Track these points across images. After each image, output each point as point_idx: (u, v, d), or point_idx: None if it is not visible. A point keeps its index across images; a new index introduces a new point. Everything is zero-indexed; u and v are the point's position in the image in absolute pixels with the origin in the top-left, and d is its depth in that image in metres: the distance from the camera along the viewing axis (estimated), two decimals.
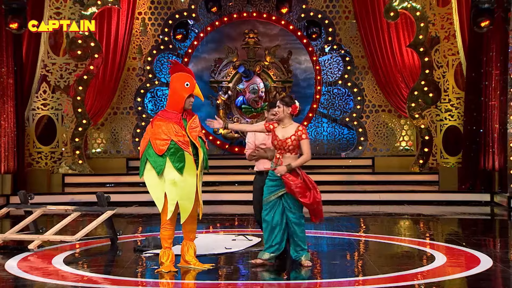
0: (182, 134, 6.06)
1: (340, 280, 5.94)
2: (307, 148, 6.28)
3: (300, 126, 6.34)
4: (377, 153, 14.86)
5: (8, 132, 12.60)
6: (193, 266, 6.20)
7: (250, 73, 14.91)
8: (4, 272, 6.24)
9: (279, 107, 6.36)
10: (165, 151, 5.99)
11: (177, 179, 5.99)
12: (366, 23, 14.27)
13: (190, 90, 6.15)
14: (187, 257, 6.24)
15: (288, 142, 6.25)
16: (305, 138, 6.27)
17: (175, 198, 6.01)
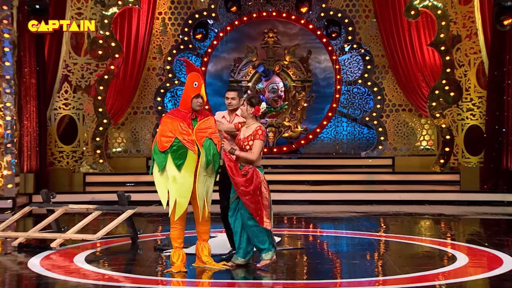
0: (188, 132, 6.08)
1: (360, 280, 5.92)
2: (255, 148, 6.15)
3: (259, 127, 6.23)
4: (397, 152, 14.76)
5: (30, 131, 12.75)
6: (208, 266, 6.21)
7: (269, 72, 14.90)
8: (27, 270, 6.32)
9: (244, 105, 6.35)
10: (167, 148, 6.04)
11: (176, 176, 6.02)
12: (386, 22, 14.18)
13: (197, 90, 6.17)
14: (203, 258, 6.25)
15: (245, 142, 6.20)
16: (258, 138, 6.16)
17: (174, 195, 6.04)
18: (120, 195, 7.84)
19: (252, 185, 6.10)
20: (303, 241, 8.18)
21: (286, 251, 7.21)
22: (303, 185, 12.86)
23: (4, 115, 11.72)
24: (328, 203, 11.97)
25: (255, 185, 6.10)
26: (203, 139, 6.11)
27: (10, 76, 11.72)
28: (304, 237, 8.52)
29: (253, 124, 6.27)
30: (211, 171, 6.15)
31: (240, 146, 6.25)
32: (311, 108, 15.03)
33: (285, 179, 13.17)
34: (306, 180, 13.11)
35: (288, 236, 8.42)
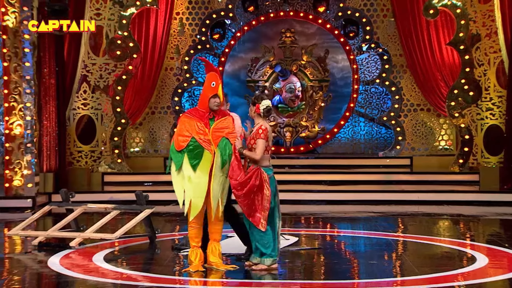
0: (204, 132, 6.09)
1: (378, 280, 5.89)
2: (258, 147, 6.11)
3: (261, 126, 6.20)
4: (416, 152, 14.67)
5: (50, 131, 12.89)
6: (215, 267, 6.19)
7: (286, 72, 14.89)
8: (47, 269, 6.38)
9: (249, 106, 6.38)
10: (184, 147, 6.06)
11: (192, 176, 6.04)
12: (404, 21, 14.10)
13: (214, 90, 6.17)
14: (211, 258, 6.24)
15: (252, 141, 6.20)
16: (259, 137, 6.13)
17: (190, 195, 6.05)
18: (138, 194, 7.89)
19: (245, 188, 6.03)
20: (321, 241, 8.16)
21: (303, 251, 7.20)
22: (320, 185, 12.83)
23: (24, 115, 11.85)
24: (346, 203, 11.94)
25: (249, 187, 6.03)
26: (219, 139, 6.12)
27: (30, 76, 11.85)
28: (322, 237, 8.50)
29: (258, 124, 6.28)
30: (227, 171, 6.15)
31: (247, 145, 6.27)
32: (328, 107, 15.00)
33: (302, 179, 13.15)
34: (323, 180, 13.08)
35: (306, 236, 8.41)
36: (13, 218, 10.41)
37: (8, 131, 11.85)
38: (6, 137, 11.84)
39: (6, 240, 8.32)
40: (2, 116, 11.84)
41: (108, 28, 13.87)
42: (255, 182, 6.05)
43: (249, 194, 6.05)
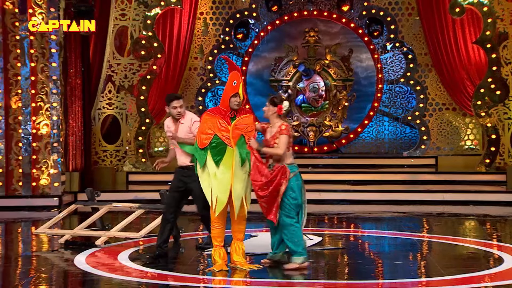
0: (227, 128, 6.11)
1: (403, 281, 5.85)
2: (281, 142, 6.12)
3: (283, 124, 6.20)
4: (441, 152, 14.53)
5: (75, 131, 13.04)
6: (239, 266, 6.20)
7: (310, 71, 14.86)
8: (73, 267, 6.46)
9: (266, 105, 6.32)
10: (207, 144, 6.10)
11: (216, 172, 6.08)
12: (430, 20, 13.97)
13: (235, 89, 6.17)
14: (234, 257, 6.25)
15: (272, 141, 6.18)
16: (282, 133, 6.14)
17: (215, 191, 6.09)
18: (162, 193, 7.93)
19: (271, 187, 6.06)
20: (344, 241, 8.13)
21: (327, 251, 7.18)
22: (344, 184, 12.78)
23: (51, 115, 12.01)
24: (370, 203, 11.87)
25: (274, 187, 6.06)
26: (238, 137, 6.13)
27: (56, 76, 12.00)
28: (345, 237, 8.47)
29: (277, 123, 6.26)
30: (248, 169, 6.15)
31: (267, 146, 6.25)
32: (352, 107, 14.92)
33: (326, 179, 13.11)
34: (347, 179, 13.03)
35: (329, 236, 8.38)
36: (40, 217, 10.56)
37: (35, 130, 12.02)
38: (33, 137, 12.01)
39: (33, 238, 8.45)
40: (29, 116, 12.01)
41: (132, 28, 13.98)
42: (280, 181, 6.06)
43: (273, 193, 6.06)
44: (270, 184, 6.06)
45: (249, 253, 6.67)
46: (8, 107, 12.09)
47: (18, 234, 9.34)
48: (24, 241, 8.61)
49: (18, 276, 6.35)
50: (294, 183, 6.16)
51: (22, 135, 12.02)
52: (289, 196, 6.13)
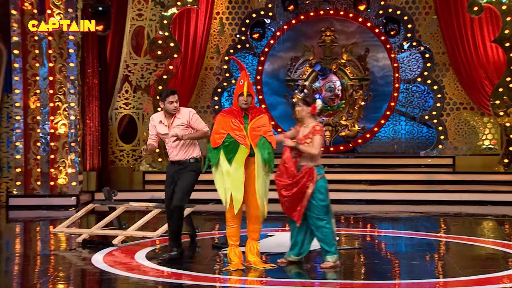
0: (239, 127, 6.13)
1: (420, 281, 5.81)
2: (316, 142, 6.14)
3: (317, 125, 6.22)
4: (458, 152, 14.42)
5: (93, 130, 13.14)
6: (254, 265, 6.20)
7: (326, 71, 14.83)
8: (91, 266, 6.50)
9: (299, 106, 6.31)
10: (220, 144, 6.14)
11: (229, 170, 6.09)
12: (447, 19, 13.87)
13: (241, 88, 6.21)
14: (249, 257, 6.26)
15: (303, 141, 6.18)
16: (317, 134, 6.15)
17: (230, 189, 6.10)
18: None
19: (296, 188, 6.07)
20: (361, 241, 8.09)
21: (343, 251, 7.16)
22: (360, 184, 12.74)
23: (69, 115, 12.11)
24: (386, 203, 11.82)
25: (300, 188, 6.08)
26: (257, 138, 6.14)
27: (74, 76, 12.10)
28: (362, 237, 8.44)
29: (311, 123, 6.27)
30: (268, 169, 6.16)
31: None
32: (368, 106, 14.87)
33: (342, 179, 13.07)
34: (363, 179, 12.98)
35: (346, 236, 8.35)
36: (58, 216, 10.65)
37: (53, 130, 12.13)
38: (51, 136, 12.12)
39: (51, 237, 8.52)
40: (48, 115, 12.12)
41: (149, 28, 14.06)
42: (306, 182, 6.07)
43: (298, 194, 6.08)
44: (295, 185, 6.10)
45: (265, 253, 6.68)
46: (27, 107, 12.22)
47: (37, 233, 9.43)
48: (43, 240, 8.69)
49: (36, 274, 6.41)
50: (322, 185, 6.18)
51: (40, 135, 12.13)
52: (317, 198, 6.16)
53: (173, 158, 6.72)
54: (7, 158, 12.73)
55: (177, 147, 6.63)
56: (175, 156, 6.69)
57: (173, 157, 6.72)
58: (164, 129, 6.67)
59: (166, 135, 6.67)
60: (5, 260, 7.21)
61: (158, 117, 6.74)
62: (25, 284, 6.00)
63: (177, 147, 6.62)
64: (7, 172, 12.70)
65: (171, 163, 6.76)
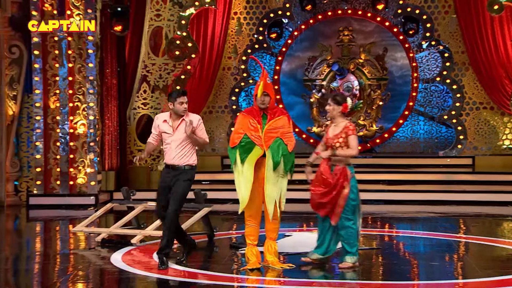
0: (256, 128, 6.15)
1: (439, 282, 5.77)
2: (353, 143, 6.17)
3: (348, 123, 6.23)
4: (478, 152, 14.29)
5: (111, 130, 13.22)
6: (272, 265, 6.21)
7: (344, 71, 14.77)
8: (109, 265, 6.55)
9: (330, 105, 6.29)
10: (237, 144, 6.16)
11: (243, 169, 6.12)
12: (467, 17, 13.75)
13: (256, 89, 6.25)
14: (267, 257, 6.27)
15: (335, 140, 6.18)
16: (350, 134, 6.16)
17: (242, 187, 6.12)
18: (197, 193, 7.99)
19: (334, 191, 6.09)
20: (379, 241, 8.06)
21: (361, 251, 7.12)
22: (378, 184, 12.67)
23: (88, 115, 12.21)
24: (405, 203, 11.75)
25: (338, 191, 6.09)
26: (271, 140, 6.14)
27: (93, 77, 12.20)
28: (380, 237, 8.40)
29: (341, 122, 6.26)
30: (283, 171, 6.14)
31: (330, 145, 6.24)
32: (386, 106, 14.78)
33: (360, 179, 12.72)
34: (381, 179, 12.91)
35: (364, 236, 8.30)
36: (77, 215, 10.75)
37: (72, 130, 12.24)
38: (70, 136, 12.23)
39: (71, 236, 8.59)
40: (67, 115, 12.23)
41: (167, 28, 14.12)
42: (343, 184, 6.11)
43: (336, 197, 6.11)
44: (333, 189, 6.12)
45: (282, 253, 6.67)
46: (47, 107, 12.34)
47: (56, 232, 9.51)
48: (62, 239, 8.76)
49: (56, 273, 6.47)
50: (353, 185, 6.23)
51: (60, 135, 12.25)
52: (349, 197, 6.19)
53: (169, 161, 6.35)
54: (27, 157, 12.86)
55: (176, 149, 6.34)
56: (172, 159, 6.33)
57: (169, 160, 6.36)
58: (168, 129, 6.40)
59: (169, 135, 6.39)
60: (26, 259, 7.28)
61: (163, 116, 6.54)
62: (45, 283, 6.06)
63: (176, 148, 6.34)
64: (27, 172, 12.83)
65: (166, 166, 6.41)
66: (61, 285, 5.80)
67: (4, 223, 10.65)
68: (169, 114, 6.49)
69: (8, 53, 12.58)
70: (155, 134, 6.55)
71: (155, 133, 6.54)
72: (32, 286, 6.02)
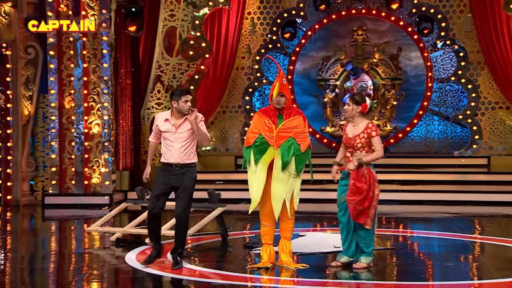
0: (270, 128, 6.15)
1: (454, 282, 5.74)
2: (378, 144, 6.15)
3: (369, 123, 6.20)
4: (493, 152, 14.18)
5: (125, 130, 13.28)
6: (286, 265, 6.21)
7: (358, 70, 14.72)
8: (124, 264, 6.58)
9: (349, 105, 6.25)
10: (252, 143, 6.16)
11: (256, 170, 6.13)
12: (482, 17, 13.65)
13: (272, 89, 6.25)
14: (282, 257, 6.28)
15: (357, 140, 6.15)
16: (375, 135, 6.13)
17: (253, 188, 6.13)
18: (211, 192, 8.00)
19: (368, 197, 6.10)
20: (393, 241, 8.02)
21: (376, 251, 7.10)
22: (393, 184, 12.62)
23: (102, 115, 12.28)
24: (419, 203, 11.70)
25: (372, 192, 6.11)
26: (283, 140, 6.12)
27: (107, 77, 12.27)
28: (394, 238, 8.36)
29: (361, 122, 6.24)
30: (294, 171, 6.12)
31: (351, 145, 6.22)
32: (401, 106, 14.72)
33: None
34: (396, 179, 12.86)
35: (378, 236, 8.27)
36: (91, 215, 10.81)
37: (87, 130, 12.32)
38: (85, 136, 12.31)
39: (85, 236, 8.64)
40: (82, 115, 12.31)
41: (181, 28, 14.16)
42: (374, 184, 6.12)
43: (371, 200, 6.11)
44: (367, 194, 6.10)
45: (296, 253, 6.67)
46: (62, 107, 12.43)
47: (71, 232, 9.58)
48: (77, 238, 8.82)
49: (71, 272, 6.51)
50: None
51: (74, 135, 12.33)
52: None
53: (173, 159, 6.26)
54: (43, 157, 12.96)
55: (181, 147, 6.24)
56: (176, 157, 6.24)
57: (172, 159, 6.26)
58: (170, 128, 6.28)
59: (171, 133, 6.27)
60: (41, 258, 7.34)
61: (164, 115, 6.37)
62: (60, 282, 6.10)
63: (180, 147, 6.23)
64: (42, 171, 12.93)
65: (167, 165, 6.31)
66: (76, 284, 5.83)
67: (20, 222, 10.74)
68: (171, 112, 6.36)
69: (24, 54, 12.69)
70: (155, 133, 6.49)
71: (155, 132, 6.48)
72: (48, 285, 6.07)
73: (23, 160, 12.65)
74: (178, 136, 6.27)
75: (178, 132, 6.26)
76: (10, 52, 12.59)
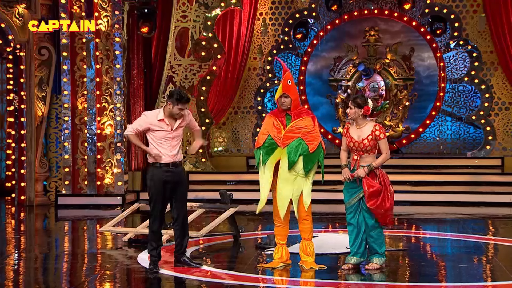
0: (279, 129, 6.17)
1: (467, 284, 5.71)
2: (385, 147, 6.16)
3: (376, 125, 6.20)
4: (507, 152, 14.07)
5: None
6: (304, 266, 6.23)
7: (370, 71, 14.67)
8: (136, 264, 6.61)
9: (351, 108, 6.23)
10: (261, 144, 6.20)
11: (264, 170, 6.17)
12: (496, 17, 13.56)
13: (279, 89, 6.26)
14: (303, 257, 6.31)
15: (365, 142, 6.14)
16: (382, 137, 6.14)
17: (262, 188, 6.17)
18: (223, 193, 8.02)
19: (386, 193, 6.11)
20: (406, 242, 7.99)
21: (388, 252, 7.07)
22: (405, 185, 12.56)
23: (115, 116, 12.33)
24: (432, 204, 11.64)
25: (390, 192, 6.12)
26: (290, 140, 6.14)
27: (120, 78, 12.32)
28: (407, 239, 8.33)
29: (366, 125, 6.23)
30: (302, 171, 6.11)
31: (357, 148, 6.20)
32: (413, 107, 14.65)
33: None
34: (408, 180, 12.80)
35: (390, 238, 8.25)
36: (104, 215, 10.86)
37: (99, 131, 12.37)
38: (98, 137, 12.36)
39: (98, 236, 8.69)
40: (94, 116, 12.38)
41: (193, 29, 14.18)
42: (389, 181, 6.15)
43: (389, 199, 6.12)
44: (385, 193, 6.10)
45: None
46: (75, 108, 12.50)
47: (84, 232, 9.63)
48: (90, 239, 8.87)
49: (84, 272, 6.54)
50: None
51: (87, 135, 12.40)
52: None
53: (171, 158, 6.26)
54: (56, 158, 13.04)
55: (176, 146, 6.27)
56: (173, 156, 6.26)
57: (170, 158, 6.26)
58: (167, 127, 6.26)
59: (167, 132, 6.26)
60: (54, 258, 7.39)
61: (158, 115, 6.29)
62: (73, 282, 6.14)
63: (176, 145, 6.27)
64: (56, 172, 13.01)
65: (164, 165, 6.30)
66: (89, 284, 5.87)
67: (33, 222, 10.82)
68: (163, 112, 6.32)
69: (38, 55, 12.77)
70: (139, 130, 6.36)
71: (140, 129, 6.35)
72: (61, 285, 6.10)
73: (36, 161, 12.73)
74: (174, 135, 6.33)
75: (174, 132, 6.32)
76: (23, 53, 12.68)
